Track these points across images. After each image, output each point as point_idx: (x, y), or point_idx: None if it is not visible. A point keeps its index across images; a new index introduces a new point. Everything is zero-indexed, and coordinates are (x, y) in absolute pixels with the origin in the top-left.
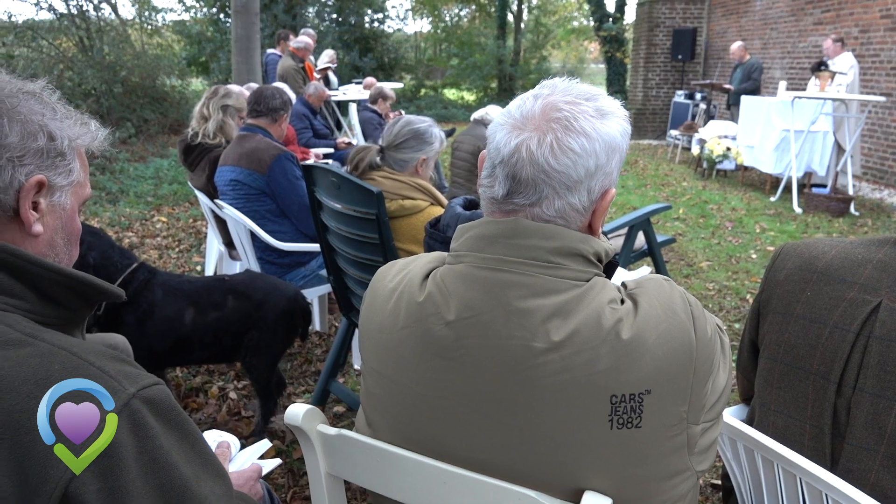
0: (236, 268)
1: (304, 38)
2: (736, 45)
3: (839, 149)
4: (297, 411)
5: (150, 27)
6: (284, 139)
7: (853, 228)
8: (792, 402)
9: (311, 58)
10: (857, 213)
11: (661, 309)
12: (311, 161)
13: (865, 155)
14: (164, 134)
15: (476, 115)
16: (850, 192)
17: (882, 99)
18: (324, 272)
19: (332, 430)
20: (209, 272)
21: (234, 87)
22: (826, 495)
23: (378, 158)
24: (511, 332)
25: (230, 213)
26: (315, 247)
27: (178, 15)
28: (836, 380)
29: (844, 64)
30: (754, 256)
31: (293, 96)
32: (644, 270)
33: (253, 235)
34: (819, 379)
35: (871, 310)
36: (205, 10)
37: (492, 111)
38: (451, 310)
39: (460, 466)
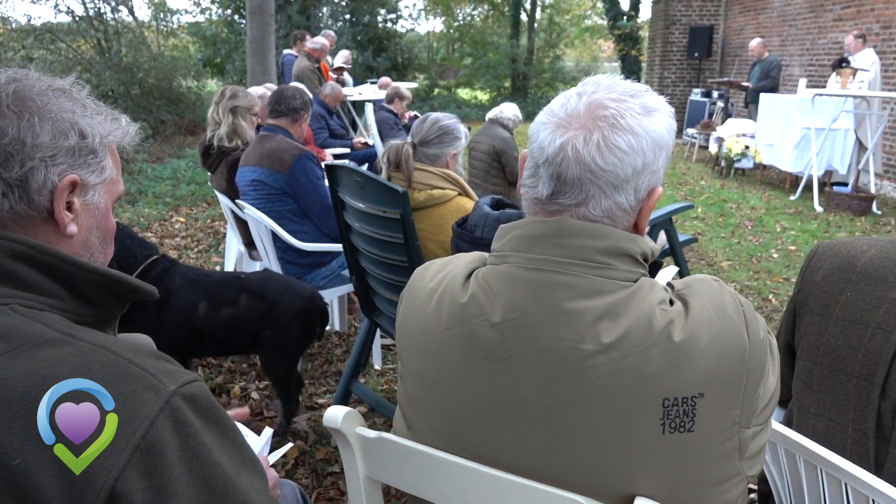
0: (256, 268)
1: (321, 39)
2: (755, 42)
3: (860, 147)
4: (336, 414)
5: (165, 29)
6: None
7: (876, 227)
8: (833, 404)
9: (329, 58)
10: (879, 212)
11: (712, 310)
12: (327, 161)
13: (887, 153)
14: (181, 135)
15: (491, 114)
16: (872, 190)
17: None
18: (345, 272)
19: (372, 433)
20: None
21: (241, 88)
22: (873, 500)
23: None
24: (559, 334)
25: (251, 213)
26: (336, 247)
27: (194, 17)
28: (881, 382)
29: (866, 60)
30: (775, 256)
31: (310, 95)
32: (671, 270)
33: (274, 236)
34: (862, 381)
35: None
36: (219, 11)
37: (506, 109)
38: (496, 311)
39: (506, 471)
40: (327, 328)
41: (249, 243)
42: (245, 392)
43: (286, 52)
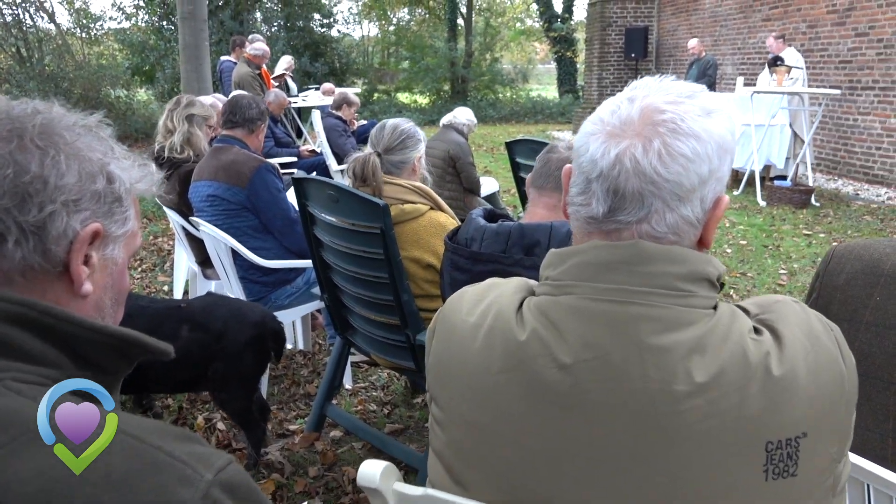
0: (211, 287)
1: (262, 45)
2: (693, 42)
3: (796, 141)
4: (373, 471)
5: (89, 36)
6: None
7: (817, 219)
8: (870, 415)
9: (266, 64)
10: (818, 204)
11: (805, 337)
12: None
13: (818, 147)
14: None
15: (445, 119)
16: (810, 183)
17: (836, 92)
18: (314, 290)
19: (417, 491)
20: (178, 292)
21: (198, 98)
22: None
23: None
24: (647, 374)
25: (209, 230)
26: (302, 263)
27: (119, 23)
28: None
29: (791, 59)
30: (729, 251)
31: None
32: None
33: (234, 254)
34: None
35: None
36: (147, 17)
37: (460, 114)
38: (566, 350)
39: None
40: (290, 347)
41: (204, 262)
42: (210, 423)
43: (223, 58)
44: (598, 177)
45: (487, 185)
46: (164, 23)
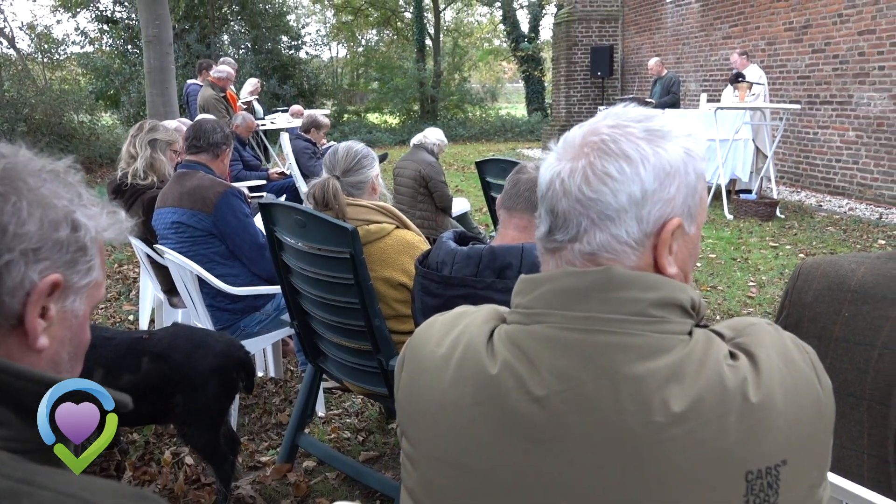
0: (177, 317)
1: (225, 68)
2: (653, 61)
3: (759, 155)
4: None
5: (51, 61)
6: None
7: (783, 231)
8: (844, 431)
9: (233, 87)
10: (783, 216)
11: (780, 361)
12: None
13: (781, 160)
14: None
15: (415, 139)
16: (774, 195)
17: (796, 107)
18: (284, 316)
19: None
20: (143, 323)
21: (162, 123)
22: None
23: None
24: (622, 405)
25: (173, 258)
26: (271, 289)
27: (82, 48)
28: None
29: (754, 75)
30: (699, 265)
31: None
32: None
33: (201, 281)
34: (875, 405)
35: None
36: (111, 41)
37: (430, 134)
38: (538, 382)
39: None
40: (261, 375)
41: (170, 290)
42: (178, 457)
43: (190, 82)
44: (541, 198)
45: (458, 205)
46: (130, 46)
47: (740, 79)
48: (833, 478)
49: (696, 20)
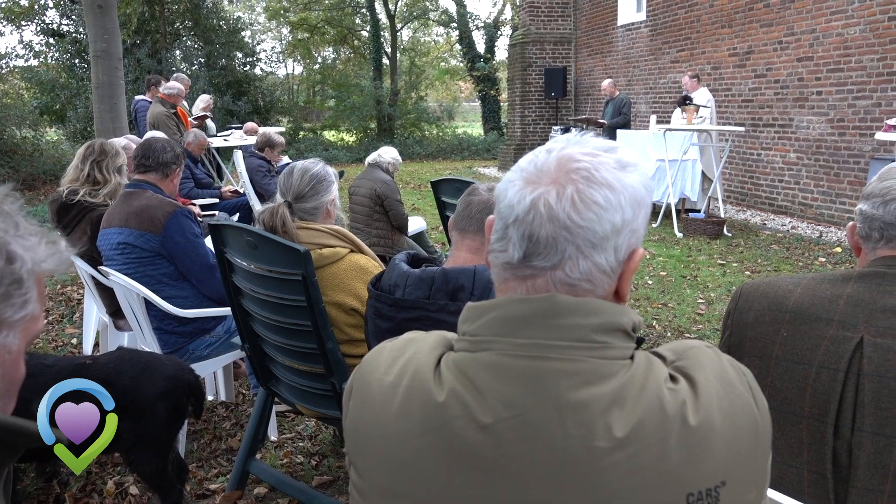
0: (123, 340)
1: (176, 84)
2: (607, 83)
3: (705, 176)
4: None
5: None
6: None
7: (729, 248)
8: (785, 448)
9: (184, 103)
10: (730, 234)
11: (718, 383)
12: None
13: (728, 180)
14: (17, 190)
15: (370, 158)
16: (721, 214)
17: (740, 129)
18: (234, 339)
19: None
20: (87, 346)
21: (112, 143)
22: None
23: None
24: (567, 431)
25: (119, 280)
26: (221, 311)
27: (26, 61)
28: (833, 421)
29: (702, 98)
30: (650, 283)
31: None
32: None
33: (148, 303)
34: (813, 422)
35: (854, 346)
36: (57, 55)
37: (385, 153)
38: (485, 410)
39: None
40: (211, 399)
41: (115, 312)
42: (121, 487)
43: (138, 98)
44: (515, 222)
45: (415, 224)
46: (77, 60)
47: (688, 102)
48: (774, 494)
49: (645, 44)
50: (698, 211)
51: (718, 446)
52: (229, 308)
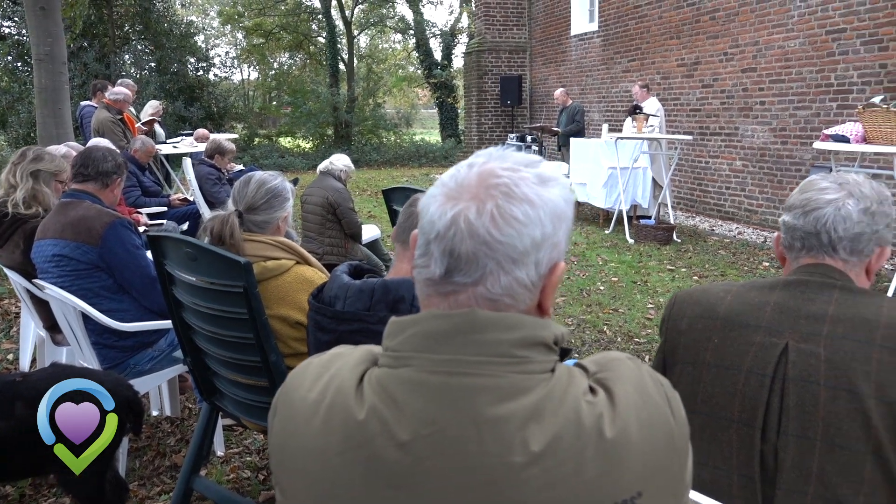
0: (62, 354)
1: (122, 89)
2: (558, 92)
3: (655, 183)
4: None
5: None
6: None
7: (679, 254)
8: (717, 453)
9: (132, 109)
10: (679, 240)
11: (636, 394)
12: (141, 229)
13: (677, 187)
14: None
15: (322, 166)
16: (671, 220)
17: (688, 137)
18: (178, 352)
19: None
20: (25, 362)
21: (48, 151)
22: None
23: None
24: (484, 447)
25: (54, 293)
26: (163, 324)
27: None
28: (760, 426)
29: (652, 107)
30: (602, 288)
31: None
32: None
33: (86, 317)
34: (742, 427)
35: (780, 352)
36: None
37: (337, 161)
38: (403, 427)
39: None
40: (156, 414)
41: (52, 326)
42: None
43: (84, 103)
44: (436, 238)
45: (369, 232)
46: (20, 64)
47: (637, 111)
48: (703, 499)
49: (597, 54)
50: (649, 217)
51: (635, 458)
52: (170, 321)
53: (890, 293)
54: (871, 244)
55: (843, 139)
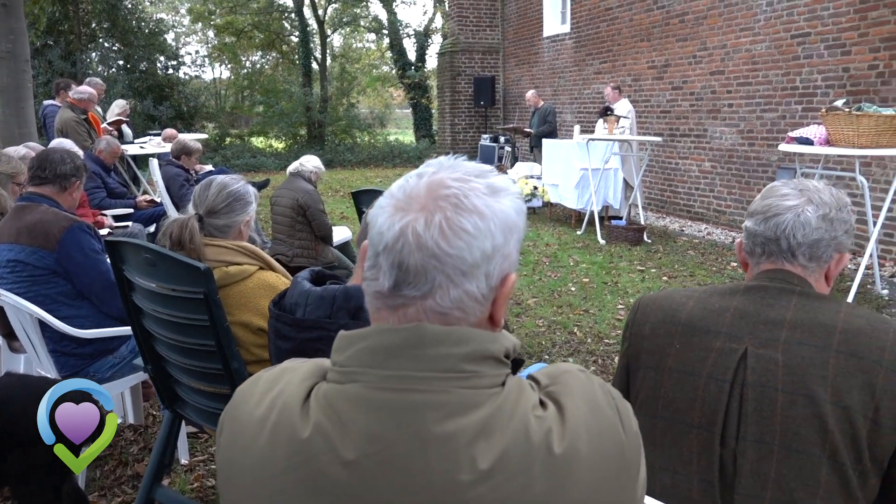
0: (19, 362)
1: (87, 88)
2: (530, 93)
3: (626, 184)
4: None
5: None
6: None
7: (649, 255)
8: (677, 458)
9: (98, 108)
10: (650, 241)
11: (586, 408)
12: (104, 232)
13: (648, 188)
14: None
15: (292, 167)
16: (641, 221)
17: (658, 139)
18: (138, 360)
19: None
20: None
21: (3, 152)
22: None
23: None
24: (431, 466)
25: (9, 300)
26: (124, 330)
27: None
28: (720, 431)
29: (623, 108)
30: (573, 289)
31: (80, 153)
32: None
33: (44, 324)
34: (702, 432)
35: (739, 357)
36: None
37: (306, 162)
38: (349, 445)
39: None
40: (119, 422)
41: (9, 334)
42: None
43: (47, 102)
44: (384, 250)
45: (340, 234)
46: None
47: (609, 112)
48: None
49: (569, 55)
50: (620, 218)
51: (583, 473)
52: (129, 327)
53: (852, 292)
54: (829, 250)
55: (807, 142)
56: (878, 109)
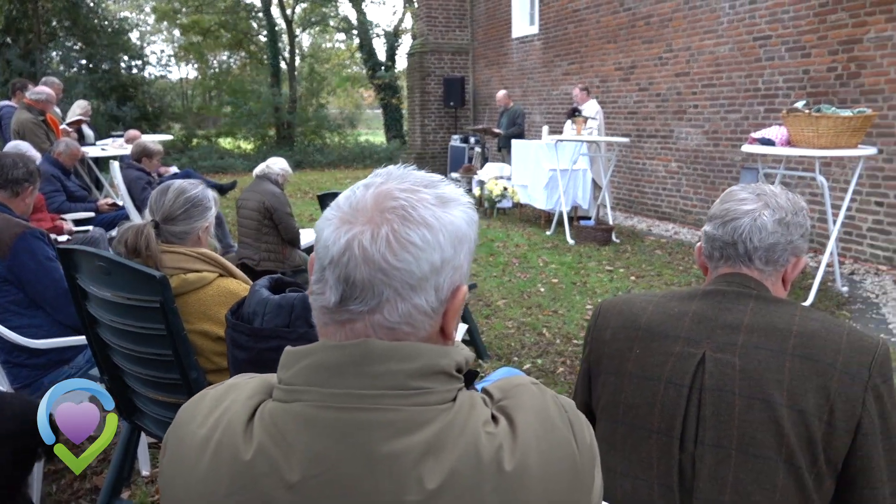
0: None
1: (44, 89)
2: (501, 94)
3: (595, 184)
4: None
5: None
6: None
7: (617, 255)
8: (637, 463)
9: (57, 110)
10: (618, 241)
11: (538, 423)
12: (63, 237)
13: (616, 188)
14: None
15: (258, 170)
16: (610, 221)
17: (626, 140)
18: (94, 371)
19: None
20: None
21: None
22: None
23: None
24: (377, 487)
25: None
26: (78, 340)
27: None
28: (679, 436)
29: (591, 109)
30: (542, 290)
31: (38, 155)
32: (461, 328)
33: None
34: (662, 437)
35: (697, 362)
36: None
37: (273, 164)
38: (293, 467)
39: None
40: None
41: None
42: None
43: (3, 103)
44: (330, 264)
45: (308, 237)
46: None
47: (576, 113)
48: None
49: (538, 57)
50: (589, 218)
51: (535, 489)
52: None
53: (814, 289)
54: (786, 254)
55: (769, 142)
56: (837, 111)
